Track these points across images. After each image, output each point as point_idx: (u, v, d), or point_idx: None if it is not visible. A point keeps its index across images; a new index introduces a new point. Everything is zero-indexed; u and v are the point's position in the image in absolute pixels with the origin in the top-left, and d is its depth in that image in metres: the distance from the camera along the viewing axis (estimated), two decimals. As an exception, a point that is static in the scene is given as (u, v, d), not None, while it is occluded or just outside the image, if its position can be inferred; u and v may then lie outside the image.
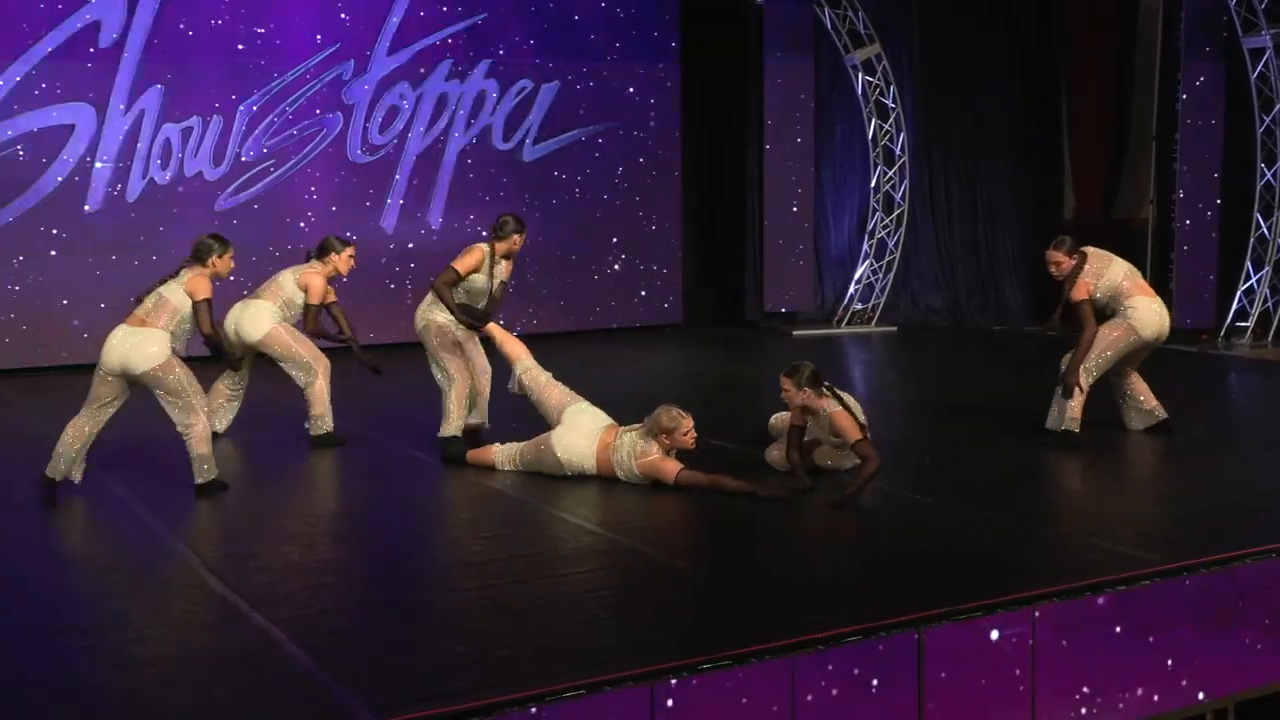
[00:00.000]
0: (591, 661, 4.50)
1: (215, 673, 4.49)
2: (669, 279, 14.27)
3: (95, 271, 11.73)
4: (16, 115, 11.36)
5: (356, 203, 12.75)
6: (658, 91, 14.00)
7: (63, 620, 5.03)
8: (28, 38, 11.32)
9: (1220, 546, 5.71)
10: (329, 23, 12.48)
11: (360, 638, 4.80)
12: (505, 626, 4.92)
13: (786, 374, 6.88)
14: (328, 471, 7.77)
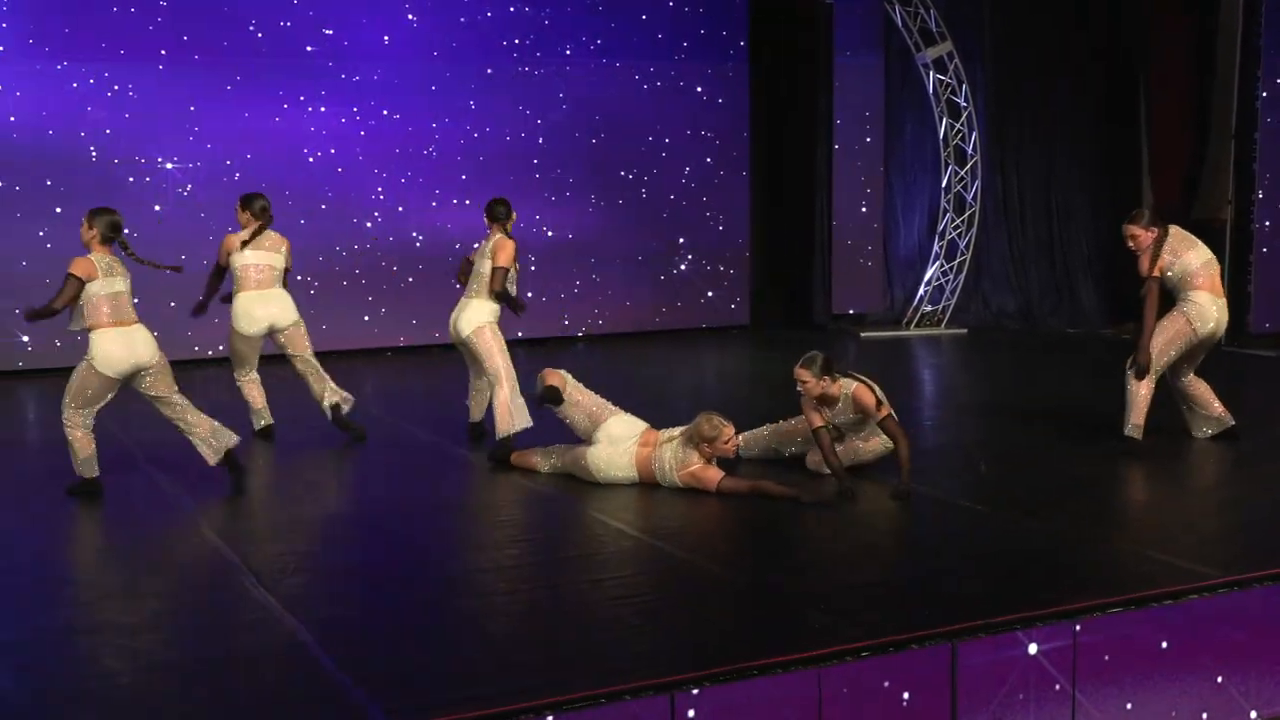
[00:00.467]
0: (617, 669, 4.43)
1: (238, 674, 4.49)
2: (736, 280, 14.18)
3: (164, 271, 11.83)
4: (89, 114, 11.54)
5: (423, 202, 12.79)
6: (726, 91, 13.91)
7: (99, 618, 5.06)
8: (99, 40, 11.50)
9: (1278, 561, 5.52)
10: (396, 24, 12.53)
11: (386, 640, 4.77)
12: (533, 632, 4.88)
13: (803, 365, 6.82)
14: (375, 472, 7.77)
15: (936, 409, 10.09)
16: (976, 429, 9.02)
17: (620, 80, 13.43)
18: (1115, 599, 5.06)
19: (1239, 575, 5.36)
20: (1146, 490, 7.25)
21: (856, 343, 13.26)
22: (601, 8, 13.30)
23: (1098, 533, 6.12)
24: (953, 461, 7.85)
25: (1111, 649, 4.97)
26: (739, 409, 7.80)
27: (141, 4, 11.60)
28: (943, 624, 4.79)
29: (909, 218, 14.40)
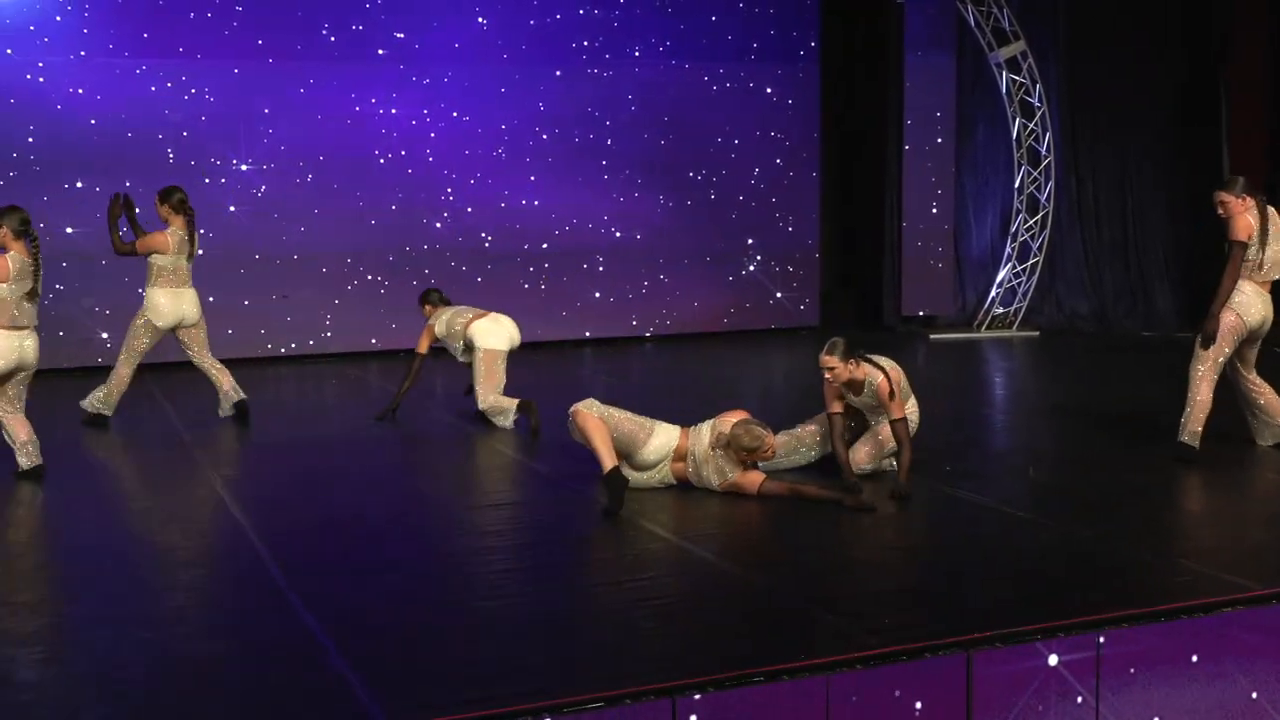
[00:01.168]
0: (622, 672, 4.38)
1: (250, 671, 4.50)
2: (806, 281, 14.04)
3: (239, 270, 12.05)
4: (167, 117, 11.74)
5: (492, 203, 12.83)
6: (796, 91, 13.79)
7: (126, 611, 5.12)
8: (177, 45, 11.69)
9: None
10: (467, 27, 12.58)
11: (400, 639, 4.76)
12: (544, 633, 4.83)
13: (828, 352, 6.75)
14: (417, 470, 7.77)
15: (1003, 412, 9.90)
16: (1040, 432, 8.85)
17: (689, 82, 13.37)
18: (1141, 610, 4.90)
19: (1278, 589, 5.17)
20: (1198, 498, 7.02)
21: (926, 345, 13.07)
22: (671, 10, 13.24)
23: (1138, 541, 5.93)
24: (1006, 465, 7.68)
25: (1137, 661, 4.82)
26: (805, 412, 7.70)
27: (218, 9, 11.78)
28: (959, 633, 4.67)
29: (981, 219, 14.16)
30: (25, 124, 11.35)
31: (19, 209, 7.21)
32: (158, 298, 8.93)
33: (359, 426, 9.04)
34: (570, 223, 13.11)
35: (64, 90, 11.43)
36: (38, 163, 11.32)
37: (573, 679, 4.31)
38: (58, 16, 11.37)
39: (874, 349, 12.51)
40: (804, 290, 14.03)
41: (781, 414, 7.91)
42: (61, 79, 11.41)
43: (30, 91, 11.33)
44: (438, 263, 12.69)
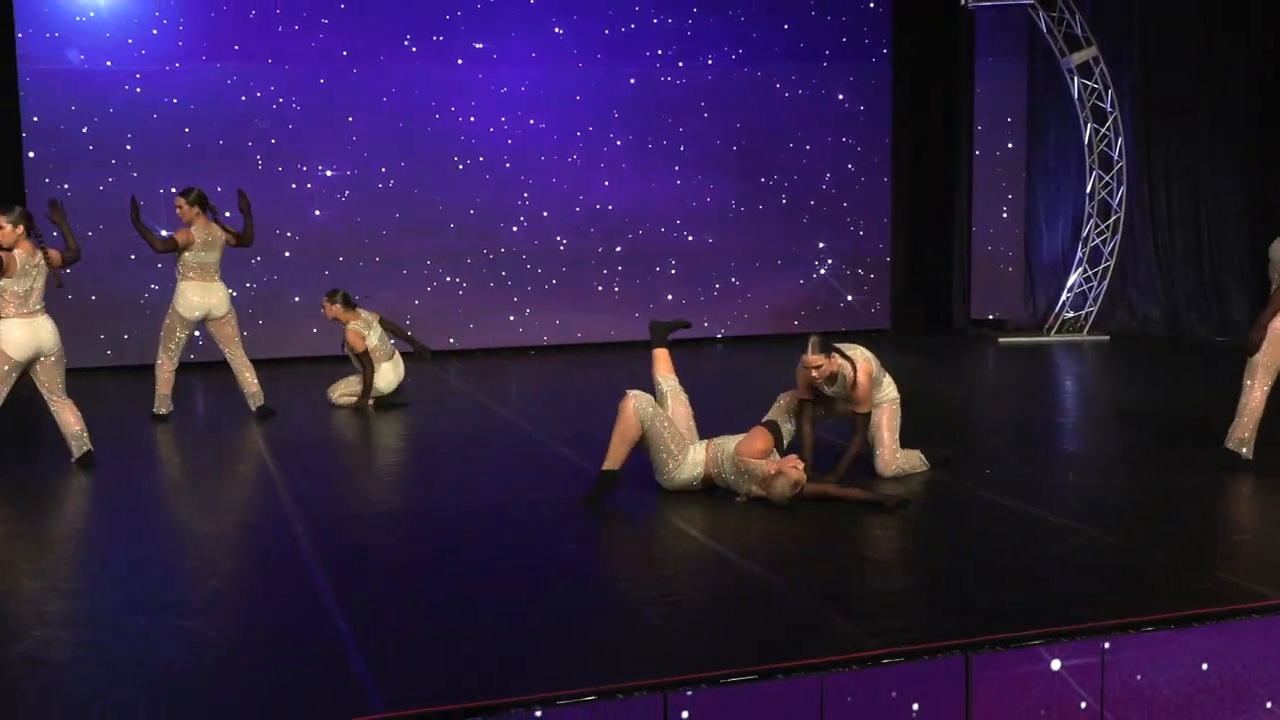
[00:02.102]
0: (624, 668, 4.37)
1: (265, 656, 4.59)
2: (876, 284, 13.89)
3: (324, 271, 12.24)
4: (255, 125, 11.97)
5: (567, 207, 12.89)
6: (867, 97, 13.64)
7: (163, 597, 5.23)
8: (266, 56, 11.91)
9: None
10: (543, 37, 12.65)
11: (414, 631, 4.80)
12: (555, 628, 4.83)
13: (813, 351, 6.69)
14: (470, 469, 7.74)
15: (1063, 416, 9.66)
16: (1096, 437, 8.66)
17: (761, 88, 13.30)
18: (1150, 617, 4.76)
19: None
20: (1237, 506, 6.79)
21: (995, 348, 12.84)
22: (743, 17, 13.18)
23: (1165, 547, 5.76)
24: (1051, 469, 7.52)
25: (1144, 668, 4.68)
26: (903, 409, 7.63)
27: (304, 21, 11.98)
28: (963, 636, 4.59)
29: (1053, 223, 13.87)
30: (124, 131, 11.65)
31: (25, 211, 7.42)
32: (187, 291, 9.15)
33: (421, 424, 9.14)
34: (643, 226, 13.11)
35: (159, 99, 11.71)
36: (135, 168, 11.61)
37: (571, 674, 4.31)
38: (154, 30, 11.65)
39: (944, 352, 12.38)
40: (875, 293, 13.88)
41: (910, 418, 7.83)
42: (157, 88, 11.69)
43: (128, 100, 11.63)
44: (513, 265, 12.77)
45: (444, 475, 7.58)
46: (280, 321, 12.14)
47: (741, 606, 5.11)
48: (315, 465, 7.89)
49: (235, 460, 8.13)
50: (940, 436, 7.92)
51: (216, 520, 6.53)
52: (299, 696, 4.20)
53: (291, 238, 12.20)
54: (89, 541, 6.28)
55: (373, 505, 6.80)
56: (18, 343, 7.24)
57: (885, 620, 4.83)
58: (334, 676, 4.33)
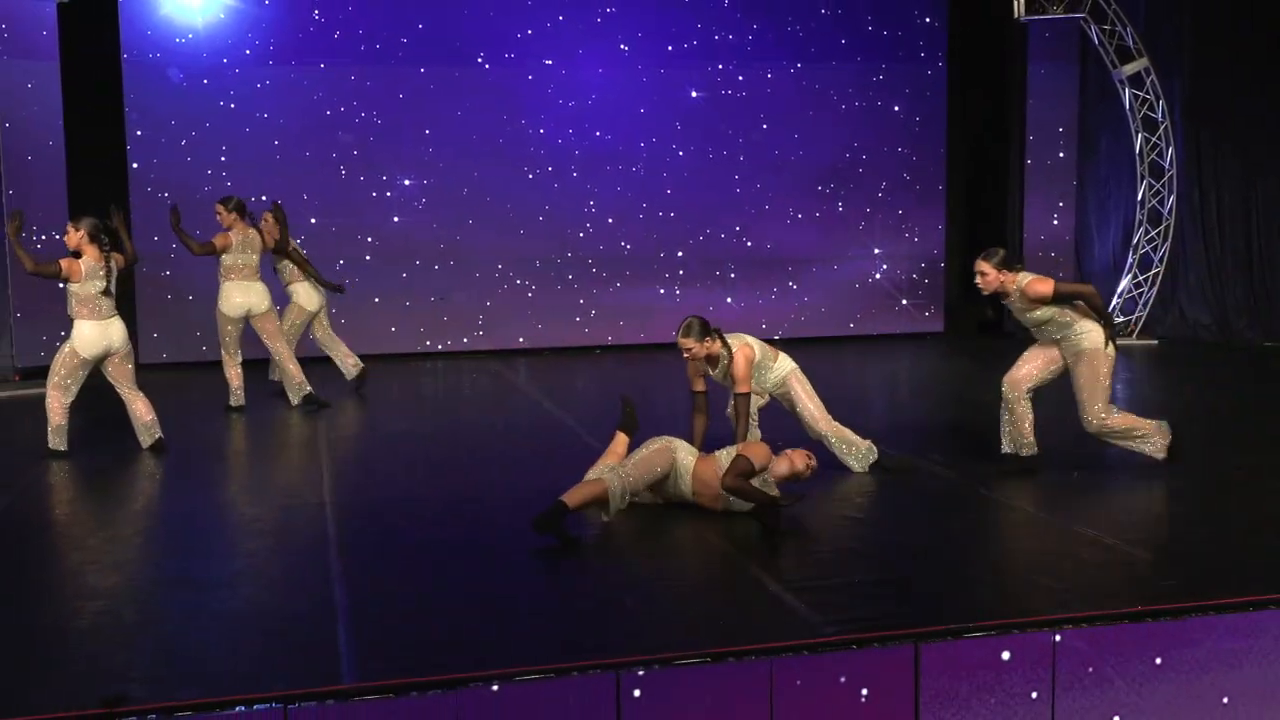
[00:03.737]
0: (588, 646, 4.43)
1: (260, 628, 4.73)
2: (930, 289, 13.74)
3: (402, 274, 12.49)
4: (339, 139, 12.25)
5: (631, 214, 12.96)
6: (922, 108, 13.50)
7: (188, 572, 5.43)
8: (349, 74, 12.18)
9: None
10: (609, 54, 12.74)
11: (405, 610, 4.91)
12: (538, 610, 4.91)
13: (684, 335, 6.70)
14: (509, 461, 7.83)
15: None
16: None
17: (819, 100, 13.24)
18: (1102, 612, 4.70)
19: (1256, 596, 4.86)
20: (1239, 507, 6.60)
21: (1044, 351, 12.60)
22: (801, 32, 13.14)
23: (1140, 545, 5.64)
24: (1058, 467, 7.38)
25: (1095, 661, 4.61)
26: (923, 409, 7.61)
27: (385, 41, 12.23)
28: (914, 625, 4.57)
29: (1103, 230, 13.59)
30: (219, 144, 12.01)
31: (94, 218, 7.77)
32: (229, 291, 9.43)
33: (475, 419, 9.28)
34: (704, 232, 13.14)
35: (251, 113, 12.04)
36: (229, 178, 11.94)
37: (537, 653, 4.38)
38: (246, 50, 11.99)
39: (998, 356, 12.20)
40: (929, 298, 13.73)
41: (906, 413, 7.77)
42: (249, 104, 12.03)
43: (223, 115, 11.99)
44: (580, 269, 12.89)
45: (483, 468, 7.67)
46: (362, 320, 12.39)
47: (713, 591, 5.14)
48: (365, 455, 8.08)
49: (292, 449, 8.36)
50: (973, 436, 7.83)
51: (258, 503, 6.73)
52: (280, 666, 4.34)
53: (372, 242, 12.46)
54: (138, 521, 6.52)
55: (406, 493, 6.93)
56: (88, 341, 7.56)
57: (850, 609, 4.82)
58: (318, 649, 4.46)
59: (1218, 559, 5.44)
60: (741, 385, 6.80)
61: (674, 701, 4.27)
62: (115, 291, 7.73)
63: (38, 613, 4.93)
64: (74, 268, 7.50)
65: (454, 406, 10.07)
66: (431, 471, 7.50)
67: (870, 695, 4.44)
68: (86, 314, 7.56)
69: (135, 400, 7.91)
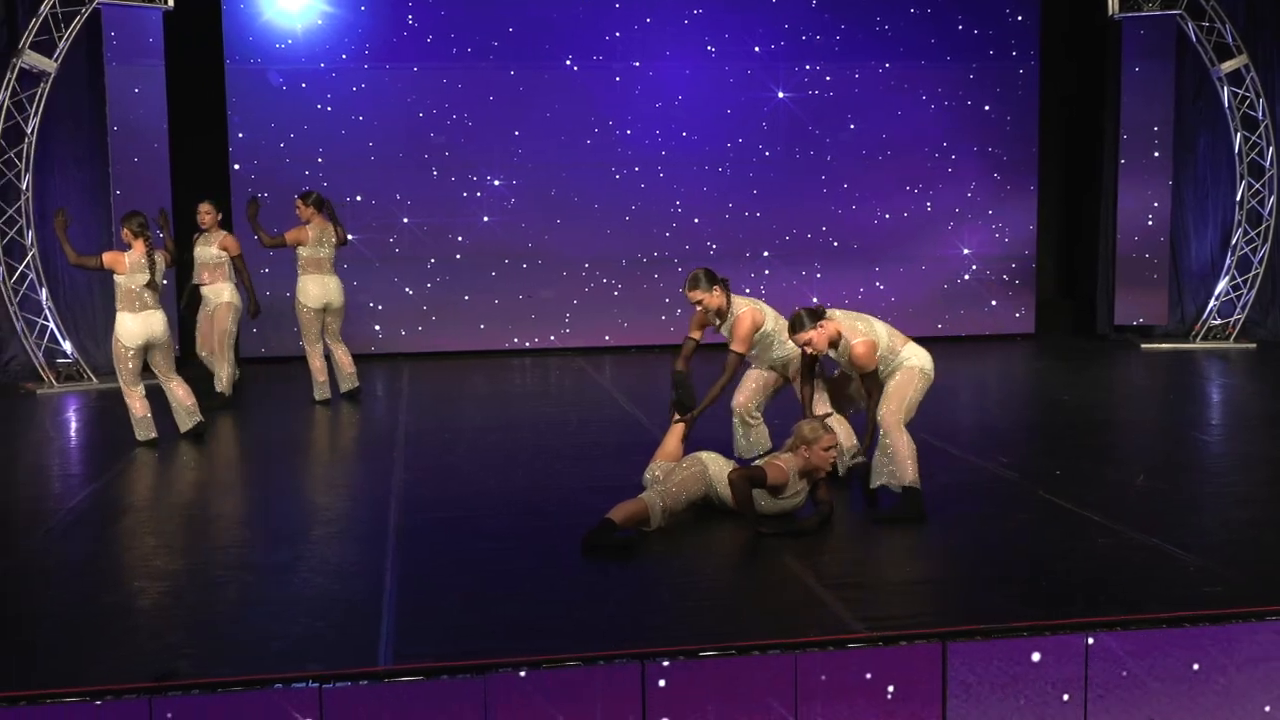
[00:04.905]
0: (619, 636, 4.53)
1: (315, 613, 4.91)
2: (1021, 290, 13.53)
3: (490, 273, 12.72)
4: (432, 139, 12.51)
5: (717, 214, 13.00)
6: (1014, 107, 13.30)
7: (249, 557, 5.67)
8: (441, 77, 12.44)
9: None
10: (696, 56, 12.80)
11: (450, 597, 5.06)
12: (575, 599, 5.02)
13: (690, 289, 6.87)
14: (577, 458, 7.91)
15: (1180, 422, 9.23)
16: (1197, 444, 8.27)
17: (908, 100, 13.13)
18: (1139, 616, 4.65)
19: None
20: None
21: (1137, 354, 12.36)
22: (890, 31, 13.05)
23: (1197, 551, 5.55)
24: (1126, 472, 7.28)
25: (1130, 664, 4.57)
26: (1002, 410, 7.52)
27: (477, 45, 12.46)
28: (937, 623, 4.58)
29: (1201, 231, 13.25)
30: (316, 145, 12.35)
31: (139, 213, 8.21)
32: (306, 284, 9.75)
33: (550, 415, 9.42)
34: (790, 232, 13.13)
35: (347, 117, 12.36)
36: (325, 179, 12.27)
37: (572, 641, 4.49)
38: (343, 55, 12.31)
39: (1087, 357, 11.99)
40: (1019, 299, 13.52)
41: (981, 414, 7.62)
42: (345, 106, 12.35)
43: (320, 117, 12.32)
44: (666, 267, 12.97)
45: (551, 463, 7.75)
46: (451, 317, 12.65)
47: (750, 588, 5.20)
48: (438, 448, 8.26)
49: (369, 442, 8.59)
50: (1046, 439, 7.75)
51: (328, 493, 6.96)
52: (321, 648, 4.52)
53: (462, 241, 12.70)
54: (212, 508, 6.78)
55: (471, 486, 7.10)
56: (130, 333, 7.95)
57: (884, 607, 4.85)
58: (360, 633, 4.63)
59: (1271, 566, 5.33)
60: (736, 345, 6.85)
61: (698, 693, 4.35)
62: (159, 285, 8.07)
63: (108, 592, 5.20)
64: (118, 261, 7.86)
65: (533, 403, 10.22)
66: (499, 465, 7.65)
67: (896, 693, 4.46)
68: (127, 306, 7.95)
69: (176, 386, 8.27)
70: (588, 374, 11.67)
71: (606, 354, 12.79)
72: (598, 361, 12.34)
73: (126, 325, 7.95)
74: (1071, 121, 13.66)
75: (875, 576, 5.29)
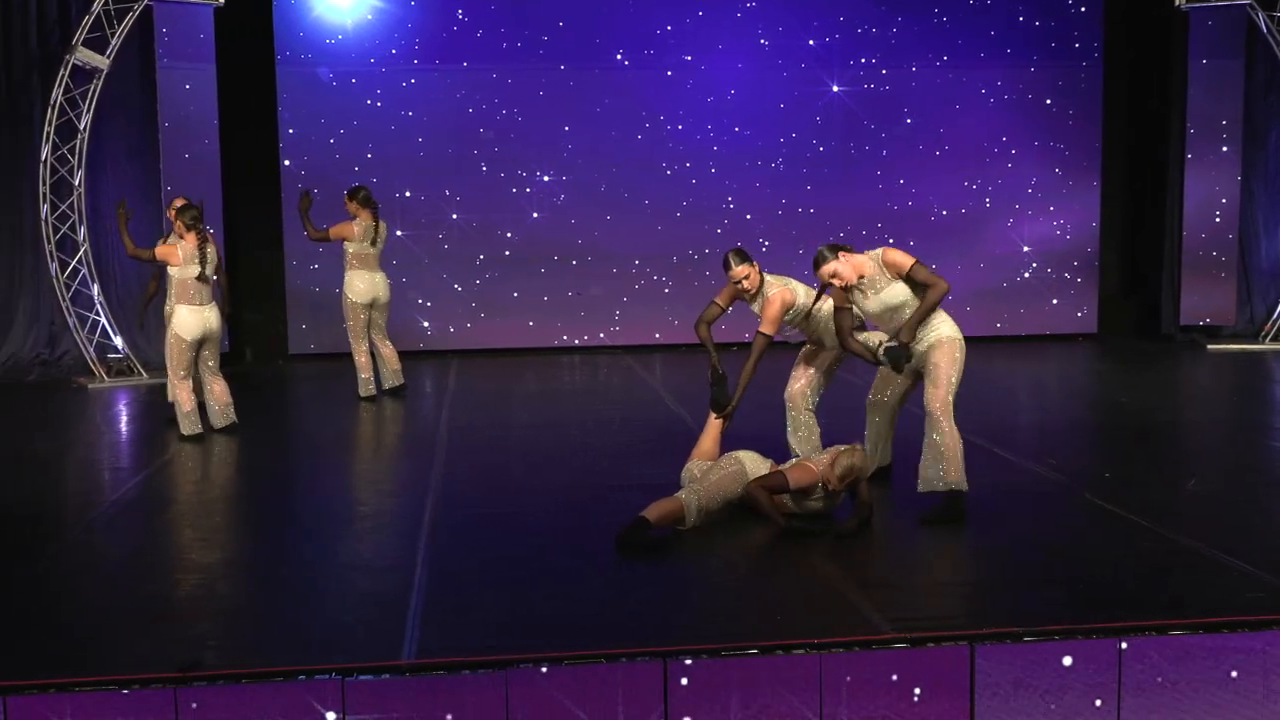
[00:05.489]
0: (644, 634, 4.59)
1: (343, 607, 5.02)
2: (1083, 288, 13.41)
3: (540, 269, 12.83)
4: (481, 135, 12.64)
5: (770, 210, 13.02)
6: (1077, 100, 13.20)
7: (285, 550, 5.80)
8: (490, 72, 12.57)
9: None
10: (749, 48, 12.83)
11: (478, 593, 5.14)
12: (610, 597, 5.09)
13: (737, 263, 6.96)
14: (617, 456, 7.96)
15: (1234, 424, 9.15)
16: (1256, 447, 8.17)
17: (966, 93, 13.07)
18: (1175, 621, 4.63)
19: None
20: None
21: (1202, 355, 12.21)
22: (949, 23, 12.99)
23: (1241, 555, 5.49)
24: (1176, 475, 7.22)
25: (1165, 671, 4.55)
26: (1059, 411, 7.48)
27: (526, 39, 12.58)
28: (965, 625, 4.59)
29: (1272, 229, 13.05)
30: (365, 142, 12.53)
31: (192, 205, 8.42)
32: (353, 279, 9.88)
33: (594, 413, 9.50)
34: (844, 228, 13.09)
35: (396, 112, 12.54)
36: (375, 174, 12.45)
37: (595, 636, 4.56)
38: (393, 50, 12.49)
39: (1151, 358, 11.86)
40: (1081, 297, 13.40)
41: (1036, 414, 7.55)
42: (395, 102, 12.52)
43: (370, 113, 12.51)
44: (717, 265, 12.89)
45: (591, 461, 7.83)
46: (500, 315, 12.78)
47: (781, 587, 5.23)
48: (481, 445, 8.37)
49: (412, 438, 8.72)
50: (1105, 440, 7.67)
51: (365, 488, 7.09)
52: (347, 641, 4.62)
53: (511, 238, 12.83)
54: (252, 502, 6.95)
55: (510, 483, 7.20)
56: (187, 325, 8.15)
57: (915, 608, 4.87)
58: (386, 627, 4.73)
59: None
60: (766, 325, 6.79)
61: (721, 692, 4.39)
62: (210, 279, 8.26)
63: (144, 582, 5.35)
64: (171, 253, 8.06)
65: (578, 400, 10.31)
66: (539, 463, 7.74)
67: (923, 695, 4.48)
68: (184, 299, 8.14)
69: (215, 383, 8.47)
70: (636, 372, 11.73)
71: (657, 352, 12.84)
72: (647, 360, 12.40)
73: (186, 318, 8.17)
74: (1136, 115, 13.50)
75: (909, 577, 5.31)
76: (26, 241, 11.55)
